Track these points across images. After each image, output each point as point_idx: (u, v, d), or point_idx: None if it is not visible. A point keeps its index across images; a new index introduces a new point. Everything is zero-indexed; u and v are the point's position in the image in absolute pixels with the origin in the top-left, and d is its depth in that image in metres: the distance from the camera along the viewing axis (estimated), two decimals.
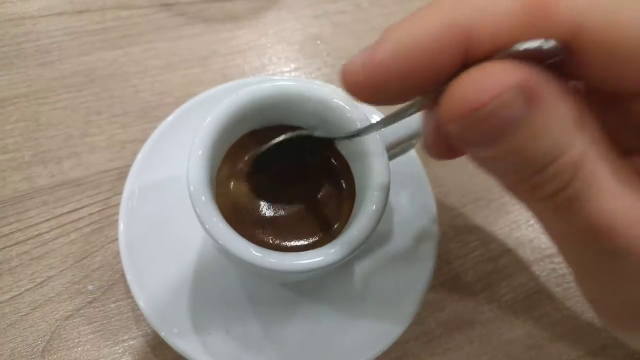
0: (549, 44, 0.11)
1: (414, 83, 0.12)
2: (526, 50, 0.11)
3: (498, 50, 0.11)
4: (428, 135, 0.15)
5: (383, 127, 0.19)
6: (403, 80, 0.12)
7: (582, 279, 0.14)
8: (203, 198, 0.20)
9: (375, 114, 0.32)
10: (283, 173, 0.25)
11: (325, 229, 0.24)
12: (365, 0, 0.42)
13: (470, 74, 0.11)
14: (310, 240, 0.24)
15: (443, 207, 0.32)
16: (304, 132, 0.23)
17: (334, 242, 0.20)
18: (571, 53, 0.11)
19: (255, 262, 0.19)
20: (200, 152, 0.21)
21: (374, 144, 0.22)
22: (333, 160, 0.26)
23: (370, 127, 0.20)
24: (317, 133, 0.23)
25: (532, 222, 0.33)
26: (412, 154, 0.30)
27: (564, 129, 0.11)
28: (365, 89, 0.12)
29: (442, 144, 0.15)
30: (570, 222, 0.12)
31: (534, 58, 0.11)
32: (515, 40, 0.11)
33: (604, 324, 0.14)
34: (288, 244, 0.24)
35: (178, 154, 0.28)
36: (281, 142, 0.23)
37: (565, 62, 0.11)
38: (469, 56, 0.11)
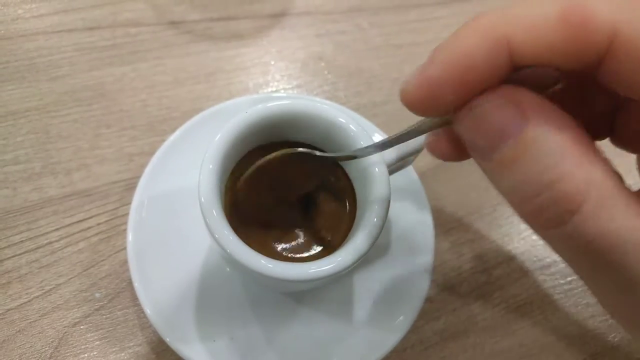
0: (548, 72, 0.12)
1: (464, 93, 0.13)
2: (533, 73, 0.12)
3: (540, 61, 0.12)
4: (433, 142, 0.17)
5: (381, 150, 0.21)
6: (454, 92, 0.13)
7: (605, 305, 0.14)
8: (214, 211, 0.21)
9: (377, 133, 0.33)
10: (287, 186, 0.26)
11: (327, 240, 0.25)
12: (365, 21, 0.44)
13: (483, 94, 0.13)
14: (313, 252, 0.25)
15: (439, 221, 0.33)
16: (304, 150, 0.23)
17: (337, 252, 0.21)
18: (607, 61, 0.11)
19: (264, 271, 0.20)
20: (210, 166, 0.22)
21: (375, 159, 0.23)
22: (335, 174, 0.27)
23: (369, 149, 0.21)
24: (318, 152, 0.23)
25: (523, 235, 0.34)
26: (410, 169, 0.31)
27: (562, 155, 0.11)
28: (422, 104, 0.13)
29: (449, 147, 0.17)
30: (580, 257, 0.12)
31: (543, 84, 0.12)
32: (553, 52, 0.12)
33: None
34: (291, 254, 0.25)
35: (185, 167, 0.29)
36: (284, 159, 0.23)
37: (600, 72, 0.12)
38: (515, 64, 0.12)
